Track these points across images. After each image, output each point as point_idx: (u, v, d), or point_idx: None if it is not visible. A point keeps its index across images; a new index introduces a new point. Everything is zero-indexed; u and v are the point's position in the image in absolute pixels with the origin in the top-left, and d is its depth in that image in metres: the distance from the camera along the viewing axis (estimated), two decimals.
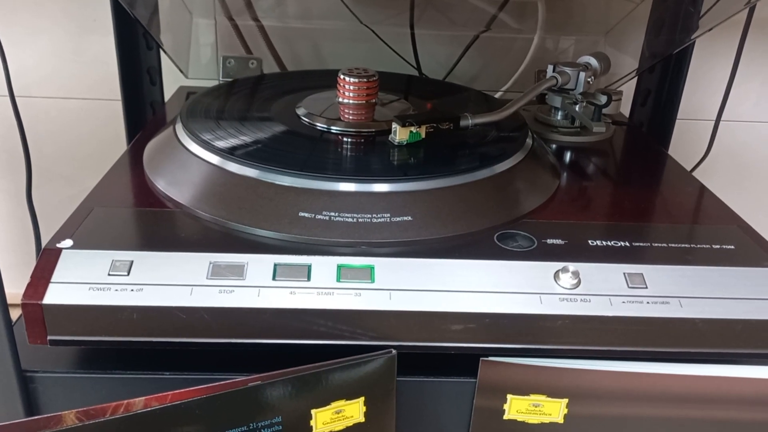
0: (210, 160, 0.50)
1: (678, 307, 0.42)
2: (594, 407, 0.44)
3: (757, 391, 0.43)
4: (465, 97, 0.70)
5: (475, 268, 0.43)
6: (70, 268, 0.40)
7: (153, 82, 0.76)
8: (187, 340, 0.40)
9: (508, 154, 0.53)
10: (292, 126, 0.56)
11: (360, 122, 0.57)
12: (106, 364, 0.42)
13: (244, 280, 0.41)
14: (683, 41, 0.72)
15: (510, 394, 0.43)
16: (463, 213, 0.47)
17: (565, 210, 0.51)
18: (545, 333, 0.42)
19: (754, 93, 0.94)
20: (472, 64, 0.89)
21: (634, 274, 0.43)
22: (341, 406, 0.40)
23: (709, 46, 0.88)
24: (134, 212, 0.47)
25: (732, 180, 0.99)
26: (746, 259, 0.45)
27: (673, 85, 0.76)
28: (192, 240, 0.44)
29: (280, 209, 0.46)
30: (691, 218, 0.52)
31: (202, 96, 0.62)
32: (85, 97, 0.88)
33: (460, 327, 0.41)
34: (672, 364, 0.43)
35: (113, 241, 0.43)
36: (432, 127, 0.54)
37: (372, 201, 0.47)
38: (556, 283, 0.42)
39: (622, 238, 0.47)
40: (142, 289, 0.40)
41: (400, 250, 0.44)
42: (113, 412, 0.35)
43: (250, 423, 0.38)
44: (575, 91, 0.66)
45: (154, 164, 0.53)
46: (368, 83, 0.59)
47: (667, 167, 0.63)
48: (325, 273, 0.42)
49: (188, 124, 0.54)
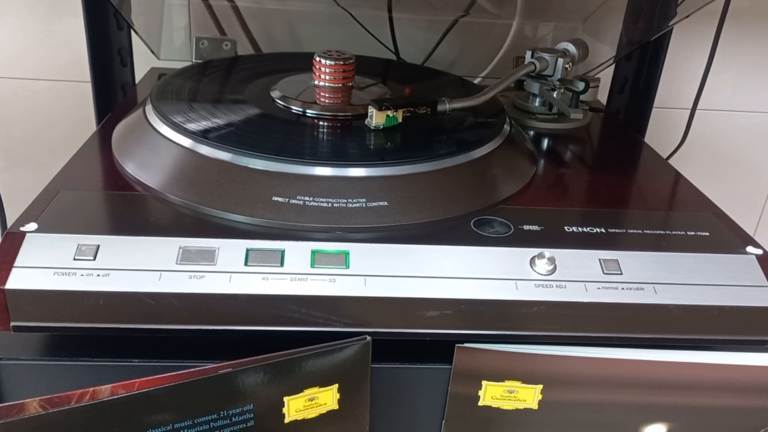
0: (181, 143, 0.49)
1: (652, 293, 0.42)
2: (568, 393, 0.43)
3: (729, 377, 0.43)
4: (443, 82, 0.69)
5: (452, 253, 0.42)
6: (34, 253, 0.39)
7: (124, 64, 0.74)
8: (155, 326, 0.39)
9: (485, 139, 0.53)
10: (267, 109, 0.55)
11: (336, 106, 0.56)
12: (73, 350, 0.41)
13: (215, 266, 0.40)
14: (661, 28, 0.72)
15: (485, 381, 0.43)
16: (439, 198, 0.47)
17: (541, 196, 0.51)
18: (521, 319, 0.41)
19: (730, 82, 0.95)
20: (451, 49, 0.88)
21: (610, 260, 0.43)
22: (314, 394, 0.40)
23: (686, 36, 0.88)
24: (102, 195, 0.46)
25: (707, 168, 0.99)
26: (720, 246, 0.45)
27: (650, 73, 0.76)
28: (161, 224, 0.43)
29: (253, 193, 0.45)
30: (666, 205, 0.52)
31: (173, 77, 0.61)
32: (55, 79, 0.86)
33: (436, 313, 0.41)
34: (646, 350, 0.43)
35: (79, 225, 0.41)
36: (409, 112, 0.53)
37: (347, 186, 0.46)
38: (532, 269, 0.42)
39: (598, 224, 0.47)
40: (108, 275, 0.39)
41: (376, 236, 0.43)
42: (78, 399, 0.34)
43: (220, 411, 0.37)
44: (553, 78, 0.66)
45: (123, 147, 0.52)
46: (345, 66, 0.58)
47: (643, 155, 0.63)
48: (299, 258, 0.41)
49: (159, 106, 0.53)
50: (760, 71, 0.94)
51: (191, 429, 0.37)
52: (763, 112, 0.97)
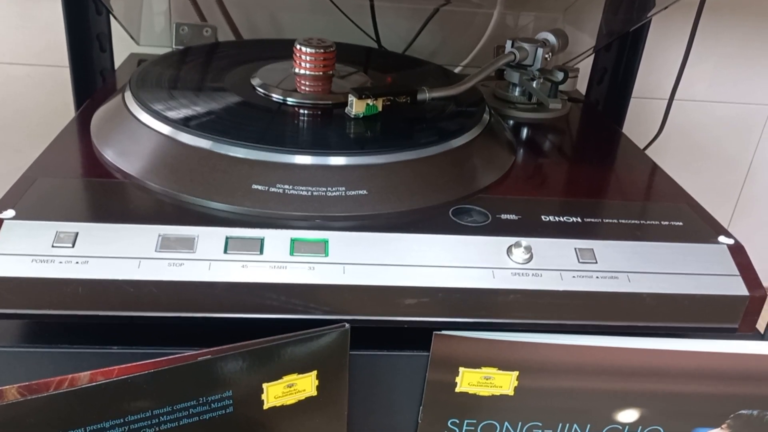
0: (161, 131, 0.48)
1: (626, 281, 0.43)
2: (544, 380, 0.44)
3: (701, 364, 0.44)
4: (424, 71, 0.69)
5: (430, 242, 0.43)
6: (12, 240, 0.39)
7: (103, 49, 0.74)
8: (135, 314, 0.39)
9: (465, 129, 0.53)
10: (247, 97, 0.55)
11: (316, 94, 0.56)
12: (51, 338, 0.41)
13: (194, 254, 0.40)
14: (640, 19, 0.72)
15: (462, 367, 0.43)
16: (418, 187, 0.47)
17: (520, 186, 0.52)
18: (498, 307, 0.42)
19: (707, 74, 0.96)
20: (432, 38, 0.88)
21: (585, 249, 0.44)
22: (293, 380, 0.40)
23: (664, 27, 0.89)
24: (80, 182, 0.46)
25: (683, 159, 1.01)
26: (693, 236, 0.46)
27: (629, 64, 0.77)
28: (140, 212, 0.43)
29: (233, 181, 0.45)
30: (641, 195, 0.53)
31: (152, 64, 0.60)
32: (32, 63, 0.85)
33: (414, 301, 0.41)
34: (620, 337, 0.43)
35: (58, 212, 0.41)
36: (389, 101, 0.54)
37: (327, 174, 0.46)
38: (509, 258, 0.43)
39: (575, 214, 0.47)
40: (87, 262, 0.39)
41: (355, 224, 0.44)
42: (57, 386, 0.34)
43: (200, 398, 0.38)
44: (533, 67, 0.66)
45: (102, 134, 0.52)
46: (325, 54, 0.58)
47: (620, 145, 0.64)
48: (279, 246, 0.41)
49: (138, 93, 0.53)
50: (737, 63, 0.95)
51: (170, 416, 0.37)
52: (740, 103, 0.98)
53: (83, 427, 0.36)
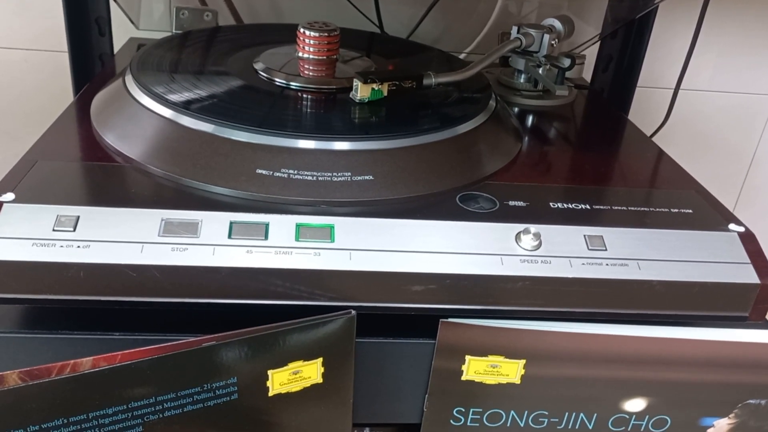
0: (163, 114, 0.48)
1: (636, 269, 0.42)
2: (551, 368, 0.44)
3: (709, 352, 0.44)
4: (428, 56, 0.69)
5: (437, 228, 0.42)
6: (12, 223, 0.38)
7: (102, 33, 0.72)
8: (137, 299, 0.39)
9: (471, 115, 0.53)
10: (250, 81, 0.54)
11: (320, 78, 0.55)
12: (53, 323, 0.40)
13: (198, 238, 0.39)
14: (646, 5, 0.71)
15: (468, 355, 0.43)
16: (425, 173, 0.47)
17: (527, 172, 0.51)
18: (505, 294, 0.41)
19: (712, 63, 0.95)
20: (435, 25, 0.87)
21: (594, 236, 0.43)
22: (299, 367, 0.39)
23: (670, 16, 0.88)
24: (81, 166, 0.45)
25: (686, 149, 1.00)
26: (703, 223, 0.46)
27: (635, 52, 0.76)
28: (143, 196, 0.42)
29: (237, 166, 0.44)
30: (650, 182, 0.52)
31: (153, 47, 0.59)
32: (30, 48, 0.84)
33: (421, 288, 0.41)
34: (629, 325, 0.43)
35: (58, 196, 0.40)
36: (395, 85, 0.53)
37: (332, 159, 0.45)
38: (518, 244, 0.42)
39: (583, 201, 0.47)
40: (89, 246, 0.38)
41: (361, 210, 0.43)
42: (59, 372, 0.34)
43: (204, 384, 0.37)
44: (539, 54, 0.65)
45: (102, 117, 0.51)
46: (329, 38, 0.57)
47: (627, 132, 0.63)
48: (284, 232, 0.41)
49: (139, 76, 0.52)
50: (741, 52, 0.95)
51: (174, 402, 0.37)
52: (743, 93, 0.98)
53: (86, 413, 0.35)
